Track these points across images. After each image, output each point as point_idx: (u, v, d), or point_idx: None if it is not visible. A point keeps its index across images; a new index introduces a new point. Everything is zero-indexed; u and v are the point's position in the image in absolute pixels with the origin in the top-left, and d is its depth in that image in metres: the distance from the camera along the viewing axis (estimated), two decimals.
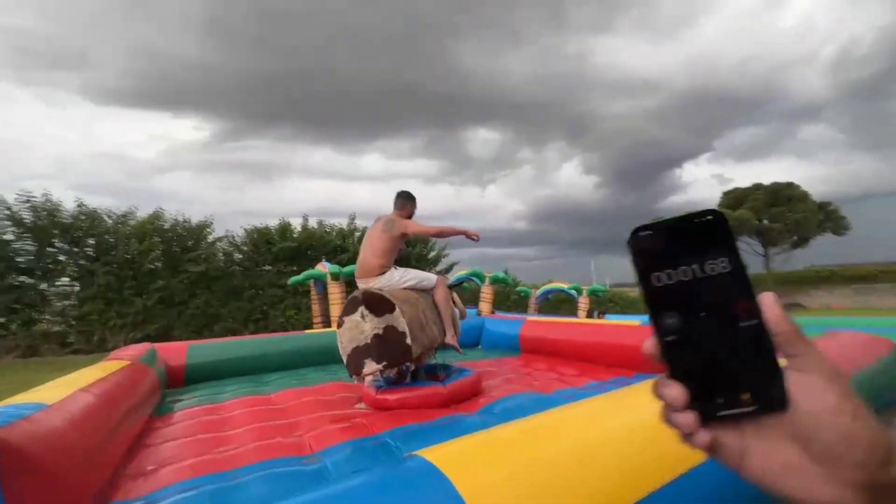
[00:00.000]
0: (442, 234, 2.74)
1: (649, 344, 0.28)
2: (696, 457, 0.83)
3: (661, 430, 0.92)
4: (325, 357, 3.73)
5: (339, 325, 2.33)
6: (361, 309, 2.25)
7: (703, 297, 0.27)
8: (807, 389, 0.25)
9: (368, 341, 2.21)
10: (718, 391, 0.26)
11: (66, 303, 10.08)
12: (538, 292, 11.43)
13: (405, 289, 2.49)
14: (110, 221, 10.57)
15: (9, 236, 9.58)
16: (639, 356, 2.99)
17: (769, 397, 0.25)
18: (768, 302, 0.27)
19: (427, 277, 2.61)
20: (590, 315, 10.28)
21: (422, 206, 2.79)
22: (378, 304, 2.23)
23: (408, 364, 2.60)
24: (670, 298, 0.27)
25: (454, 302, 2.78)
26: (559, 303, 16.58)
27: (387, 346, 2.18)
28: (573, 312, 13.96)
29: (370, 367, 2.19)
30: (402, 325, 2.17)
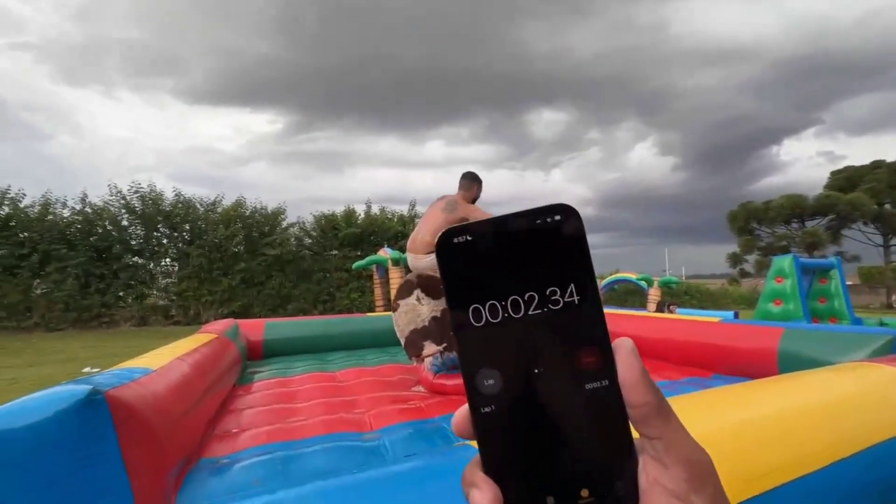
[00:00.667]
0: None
1: (459, 417, 0.20)
2: (802, 469, 0.73)
3: (755, 435, 0.81)
4: (384, 339, 3.89)
5: (394, 309, 2.39)
6: (417, 292, 2.30)
7: (539, 343, 0.19)
8: (660, 490, 0.17)
9: (426, 324, 2.25)
10: (549, 487, 0.19)
11: (168, 280, 11.61)
12: (603, 283, 10.87)
13: None
14: (202, 209, 11.89)
15: (124, 222, 11.20)
16: (716, 355, 2.73)
17: (615, 497, 0.18)
18: (623, 353, 0.19)
19: None
20: (660, 308, 9.58)
21: (484, 192, 2.75)
22: (434, 287, 2.26)
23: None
24: (493, 345, 0.19)
25: None
26: (627, 294, 15.66)
27: (446, 328, 2.21)
28: (642, 304, 13.11)
29: (430, 348, 2.24)
30: (430, 316, 2.22)
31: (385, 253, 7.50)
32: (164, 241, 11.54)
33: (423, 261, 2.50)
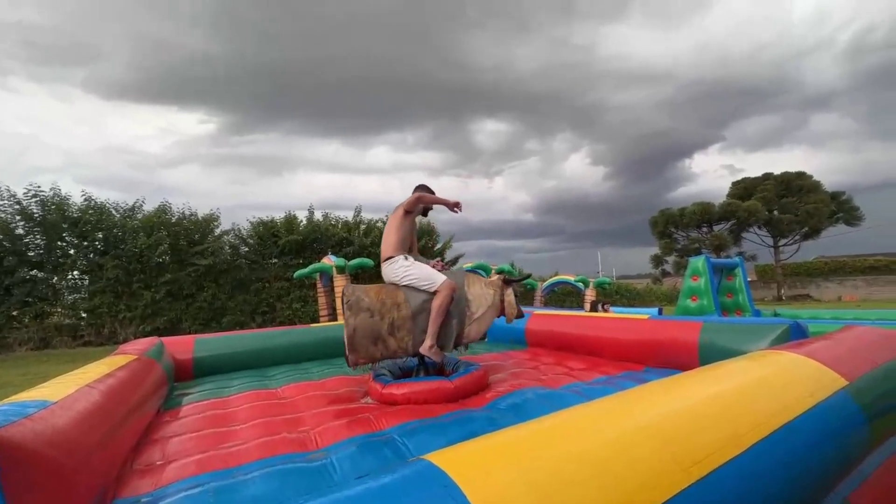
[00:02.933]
0: (423, 201, 2.65)
1: None
2: (713, 461, 0.79)
3: (678, 430, 0.88)
4: (330, 351, 3.73)
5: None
6: (346, 311, 2.36)
7: None
8: None
9: (344, 335, 2.34)
10: None
11: (77, 296, 10.23)
12: (544, 285, 11.37)
13: (406, 285, 2.46)
14: (118, 215, 10.66)
15: (19, 231, 9.70)
16: (646, 350, 2.95)
17: None
18: None
19: (431, 280, 2.42)
20: (594, 307, 10.22)
21: None
22: (345, 304, 2.35)
23: (412, 359, 2.59)
24: None
25: (510, 302, 2.69)
26: (564, 295, 16.53)
27: (348, 345, 2.32)
28: (578, 304, 13.90)
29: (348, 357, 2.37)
30: (345, 333, 2.31)
31: (329, 261, 7.23)
32: (72, 251, 10.17)
33: (385, 270, 2.58)
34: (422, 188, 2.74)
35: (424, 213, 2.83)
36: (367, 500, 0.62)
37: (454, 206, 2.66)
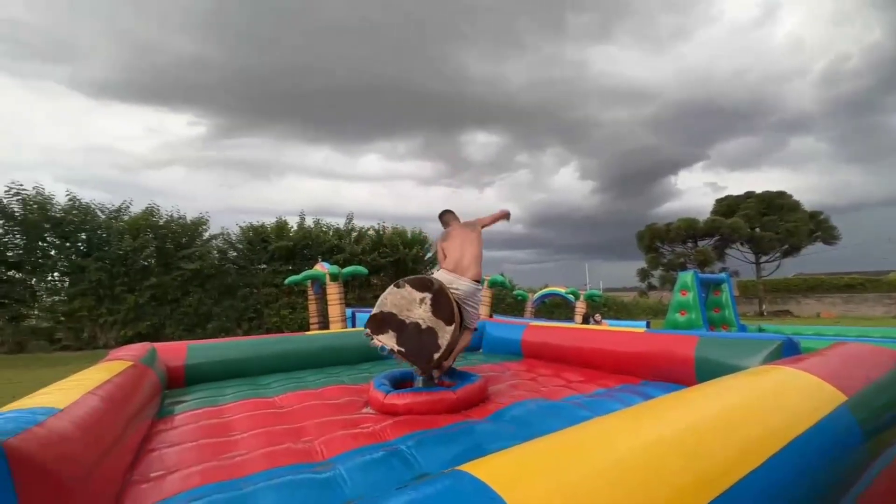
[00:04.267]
0: (494, 220, 2.95)
1: None
2: (734, 474, 0.82)
3: (699, 443, 0.91)
4: (325, 360, 3.69)
5: (397, 286, 2.25)
6: (427, 296, 2.20)
7: None
8: None
9: (407, 322, 2.18)
10: None
11: (56, 298, 9.91)
12: (535, 296, 11.45)
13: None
14: (103, 216, 10.42)
15: None
16: (642, 363, 2.99)
17: None
18: None
19: (477, 318, 2.58)
20: (585, 320, 10.32)
21: (419, 208, 2.88)
22: (444, 307, 2.19)
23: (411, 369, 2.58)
24: None
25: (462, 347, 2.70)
26: (554, 307, 16.65)
27: (417, 342, 2.17)
28: (568, 316, 14.02)
29: (388, 340, 2.19)
30: (444, 341, 2.15)
31: (323, 268, 7.17)
32: (52, 252, 9.88)
33: (463, 284, 2.48)
34: (446, 214, 2.93)
35: None
36: None
37: (507, 215, 2.94)
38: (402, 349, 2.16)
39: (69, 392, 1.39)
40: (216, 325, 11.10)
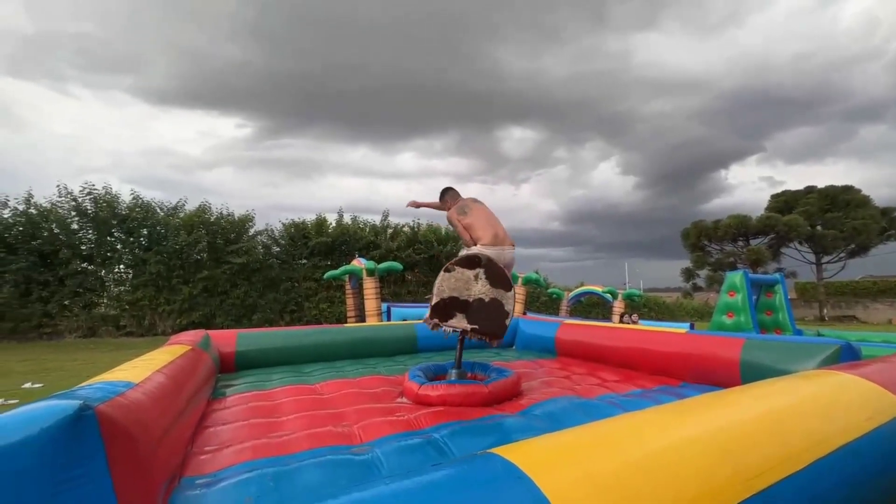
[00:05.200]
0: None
1: None
2: (772, 476, 0.80)
3: (736, 443, 0.90)
4: (362, 351, 3.83)
5: (447, 270, 2.34)
6: (480, 271, 2.29)
7: None
8: None
9: (470, 300, 2.27)
10: None
11: (122, 288, 10.86)
12: (570, 295, 11.21)
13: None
14: (161, 213, 11.28)
15: (74, 226, 10.42)
16: (683, 364, 2.89)
17: None
18: None
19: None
20: (621, 320, 9.99)
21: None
22: (498, 277, 2.29)
23: (448, 363, 2.64)
24: None
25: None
26: (591, 306, 16.21)
27: (486, 315, 2.25)
28: (605, 316, 13.60)
29: (459, 322, 2.28)
30: (510, 305, 2.24)
31: (359, 263, 7.41)
32: (119, 246, 10.82)
33: (509, 253, 2.63)
34: (450, 191, 2.95)
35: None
36: (444, 486, 0.67)
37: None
38: (476, 326, 2.23)
39: (141, 370, 1.55)
40: (261, 316, 11.73)
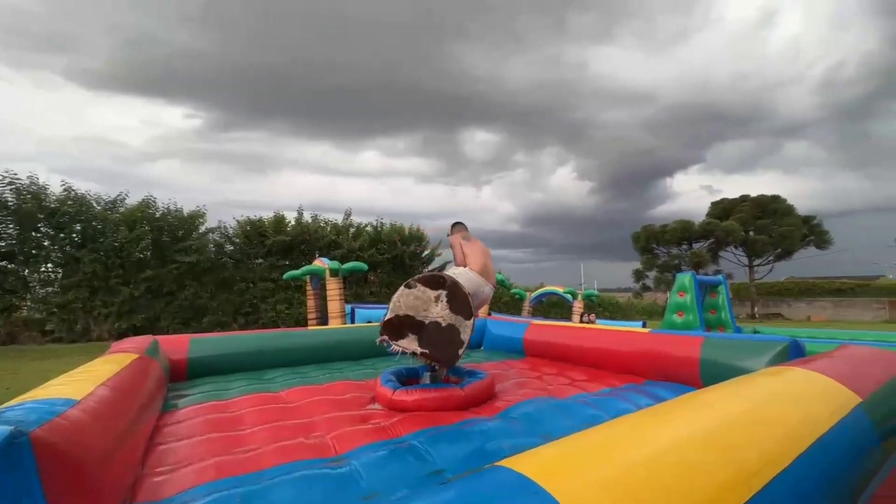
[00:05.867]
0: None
1: None
2: (768, 473, 0.82)
3: (732, 441, 0.91)
4: (328, 355, 3.68)
5: (408, 286, 2.25)
6: (442, 293, 2.20)
7: None
8: None
9: (426, 322, 2.17)
10: None
11: (49, 290, 9.78)
12: (532, 295, 11.48)
13: None
14: (98, 207, 10.28)
15: None
16: (646, 362, 3.01)
17: None
18: None
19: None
20: (581, 319, 10.36)
21: (417, 204, 2.92)
22: (460, 303, 2.21)
23: (422, 366, 2.58)
24: None
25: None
26: (550, 306, 16.72)
27: (440, 340, 2.16)
28: (564, 315, 14.07)
29: (410, 344, 2.17)
30: (466, 334, 2.16)
31: (322, 263, 7.13)
32: (46, 242, 9.74)
33: (488, 290, 2.69)
34: (459, 224, 3.08)
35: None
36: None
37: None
38: (426, 350, 2.16)
39: (82, 384, 1.37)
40: (212, 319, 11.01)
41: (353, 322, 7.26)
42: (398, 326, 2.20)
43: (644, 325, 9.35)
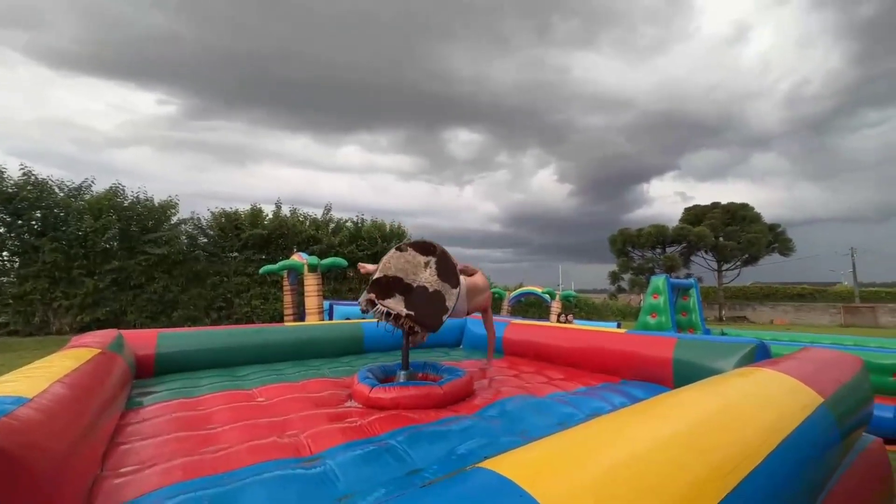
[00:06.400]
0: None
1: None
2: (742, 470, 0.84)
3: (707, 439, 0.92)
4: (304, 352, 3.60)
5: (399, 249, 2.26)
6: (432, 259, 2.22)
7: None
8: None
9: (414, 285, 2.17)
10: None
11: (5, 280, 9.22)
12: (512, 295, 11.58)
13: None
14: (61, 194, 9.75)
15: None
16: (621, 362, 3.08)
17: None
18: None
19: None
20: (558, 319, 10.52)
21: (399, 202, 2.88)
22: (449, 270, 2.23)
23: (396, 364, 2.55)
24: None
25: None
26: (528, 305, 16.93)
27: (426, 304, 2.17)
28: (542, 315, 14.28)
29: (396, 304, 2.15)
30: (452, 301, 2.16)
31: (300, 258, 6.98)
32: (2, 230, 9.17)
33: (481, 298, 2.94)
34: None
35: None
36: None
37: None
38: (412, 312, 2.15)
39: (36, 380, 1.28)
40: (182, 313, 10.63)
41: (331, 318, 7.14)
42: (386, 286, 2.19)
43: (619, 326, 9.59)
